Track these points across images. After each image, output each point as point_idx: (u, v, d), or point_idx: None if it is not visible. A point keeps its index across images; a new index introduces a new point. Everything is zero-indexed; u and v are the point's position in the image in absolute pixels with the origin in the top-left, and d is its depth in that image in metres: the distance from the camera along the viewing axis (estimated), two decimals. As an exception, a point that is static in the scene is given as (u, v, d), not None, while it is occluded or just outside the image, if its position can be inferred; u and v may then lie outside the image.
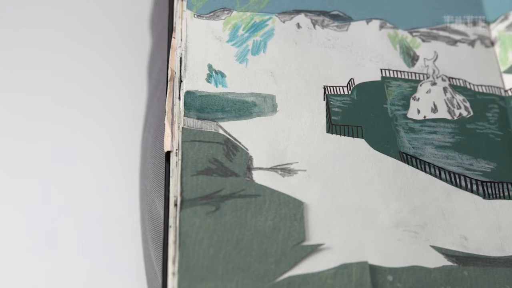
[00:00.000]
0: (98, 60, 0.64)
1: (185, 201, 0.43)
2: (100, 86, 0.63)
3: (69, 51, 0.64)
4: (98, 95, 0.62)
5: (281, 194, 0.44)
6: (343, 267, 0.42)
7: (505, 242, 0.46)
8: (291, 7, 0.52)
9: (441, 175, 0.47)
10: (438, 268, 0.44)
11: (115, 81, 0.63)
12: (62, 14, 0.66)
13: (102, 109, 0.61)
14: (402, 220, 0.45)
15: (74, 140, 0.59)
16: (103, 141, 0.60)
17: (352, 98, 0.49)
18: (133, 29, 0.65)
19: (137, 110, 0.60)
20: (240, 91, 0.47)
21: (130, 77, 0.63)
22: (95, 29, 0.65)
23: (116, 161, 0.59)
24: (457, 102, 0.51)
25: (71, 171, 0.58)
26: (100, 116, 0.61)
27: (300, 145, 0.46)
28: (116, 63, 0.64)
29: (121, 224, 0.55)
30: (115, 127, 0.60)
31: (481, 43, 0.55)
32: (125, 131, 0.59)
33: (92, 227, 0.56)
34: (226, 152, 0.45)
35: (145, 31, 0.66)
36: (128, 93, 0.62)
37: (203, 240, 0.42)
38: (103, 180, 0.58)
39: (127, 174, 0.57)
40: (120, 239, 0.55)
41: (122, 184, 0.57)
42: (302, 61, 0.50)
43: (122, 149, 0.59)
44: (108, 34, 0.65)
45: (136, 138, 0.59)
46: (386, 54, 0.52)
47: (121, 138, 0.59)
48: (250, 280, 0.41)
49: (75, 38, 0.65)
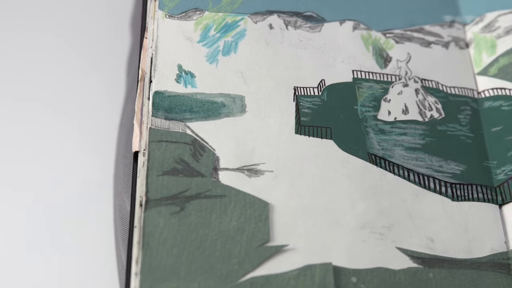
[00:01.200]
0: (78, 59, 0.64)
1: (150, 201, 0.43)
2: (78, 85, 0.63)
3: (48, 49, 0.64)
4: (76, 94, 0.62)
5: (246, 194, 0.44)
6: (306, 268, 0.42)
7: (472, 244, 0.46)
8: (264, 8, 0.52)
9: (409, 177, 0.47)
10: (403, 269, 0.44)
11: (93, 81, 0.63)
12: (42, 12, 0.66)
13: (80, 108, 0.61)
14: (368, 222, 0.45)
15: (49, 139, 0.59)
16: (79, 141, 0.60)
17: (322, 99, 0.49)
18: (113, 28, 0.65)
19: (114, 110, 0.60)
20: (209, 92, 0.47)
21: (109, 77, 0.63)
22: (75, 27, 0.65)
23: (91, 161, 0.59)
24: (429, 104, 0.51)
25: (45, 171, 0.58)
26: (77, 115, 0.61)
27: (268, 146, 0.46)
28: (95, 63, 0.64)
29: (95, 224, 0.55)
30: (92, 127, 0.60)
31: (455, 45, 0.55)
32: (102, 131, 0.59)
33: (66, 227, 0.56)
34: (193, 153, 0.45)
35: (125, 31, 0.66)
36: (107, 93, 0.62)
37: (167, 240, 0.42)
38: (78, 180, 0.58)
39: (103, 174, 0.57)
40: (94, 240, 0.55)
41: (97, 184, 0.57)
42: (273, 62, 0.50)
43: (98, 149, 0.59)
44: (88, 33, 0.65)
45: (113, 138, 0.59)
46: (358, 55, 0.52)
47: (98, 138, 0.59)
48: (212, 281, 0.41)
49: (54, 36, 0.65)
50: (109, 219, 0.55)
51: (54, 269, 0.54)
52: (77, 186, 0.57)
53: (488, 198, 0.48)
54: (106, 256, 0.54)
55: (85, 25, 0.66)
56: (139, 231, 0.42)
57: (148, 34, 0.50)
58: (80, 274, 0.54)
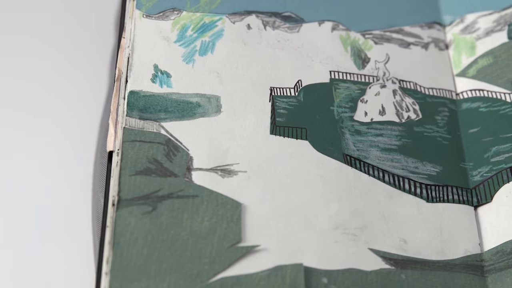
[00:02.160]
0: (60, 58, 0.64)
1: (122, 201, 0.43)
2: (60, 84, 0.63)
3: (29, 48, 0.64)
4: (58, 93, 0.62)
5: (219, 195, 0.44)
6: (277, 268, 0.42)
7: (445, 246, 0.46)
8: (243, 8, 0.52)
9: (384, 178, 0.47)
10: (375, 271, 0.44)
11: (76, 80, 0.63)
12: (23, 10, 0.66)
13: (62, 107, 0.62)
14: (341, 223, 0.45)
15: (29, 137, 0.59)
16: (60, 140, 0.60)
17: (298, 99, 0.49)
18: (96, 27, 0.65)
19: (96, 110, 0.60)
20: (185, 92, 0.47)
21: (92, 76, 0.63)
22: (58, 26, 0.65)
23: (72, 160, 0.59)
24: (406, 105, 0.51)
25: (25, 170, 0.58)
26: (59, 114, 0.61)
27: (242, 146, 0.46)
28: (78, 62, 0.64)
29: (75, 224, 0.55)
30: (75, 126, 0.60)
31: (435, 46, 0.55)
32: (84, 130, 0.59)
33: (45, 226, 0.56)
34: (167, 153, 0.45)
35: (109, 30, 0.66)
36: (89, 92, 0.62)
37: (138, 240, 0.42)
38: (59, 179, 0.58)
39: (83, 174, 0.57)
40: (73, 240, 0.55)
41: (78, 183, 0.57)
42: (250, 62, 0.50)
43: (79, 148, 0.59)
44: (70, 32, 0.65)
45: (94, 138, 0.59)
46: (336, 56, 0.52)
47: (80, 137, 0.59)
48: (182, 281, 0.41)
49: (35, 34, 0.65)
50: (88, 219, 0.55)
51: (32, 268, 0.54)
52: (57, 185, 0.57)
53: (463, 200, 0.48)
54: (84, 256, 0.54)
55: (68, 23, 0.66)
56: (110, 230, 0.42)
57: (125, 34, 0.50)
58: (57, 273, 0.54)
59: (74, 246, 0.54)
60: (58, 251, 0.55)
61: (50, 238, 0.55)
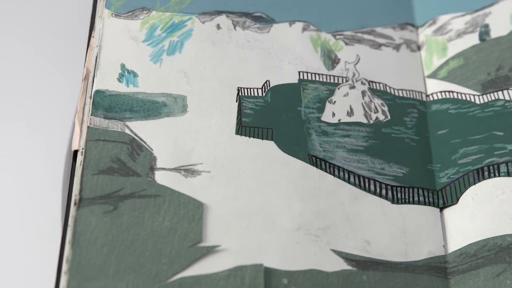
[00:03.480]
0: (35, 57, 0.64)
1: (83, 200, 0.43)
2: (36, 83, 0.63)
3: (4, 46, 0.64)
4: (32, 93, 0.62)
5: (181, 195, 0.44)
6: (237, 269, 0.42)
7: (409, 247, 0.46)
8: (213, 8, 0.52)
9: (350, 179, 0.47)
10: (337, 272, 0.44)
11: (52, 79, 0.63)
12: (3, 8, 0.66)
13: (35, 107, 0.62)
14: (304, 223, 0.45)
15: (1, 135, 0.59)
16: (32, 140, 0.60)
17: (265, 100, 0.49)
18: (71, 27, 0.65)
19: (70, 109, 0.60)
20: (151, 91, 0.47)
21: (67, 75, 0.63)
22: (33, 24, 0.65)
23: (44, 159, 0.59)
24: (375, 106, 0.51)
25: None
26: (32, 114, 0.61)
27: (206, 146, 0.46)
28: (54, 61, 0.64)
29: (45, 224, 0.55)
30: (48, 126, 0.60)
31: (407, 47, 0.55)
32: (56, 130, 0.59)
33: (16, 226, 0.56)
34: (130, 152, 0.45)
35: (85, 30, 0.66)
36: (64, 91, 0.62)
37: (97, 239, 0.42)
38: (32, 178, 0.58)
39: (53, 173, 0.57)
40: (42, 240, 0.55)
41: (48, 183, 0.57)
42: (218, 62, 0.50)
43: (50, 147, 0.59)
44: (44, 31, 0.65)
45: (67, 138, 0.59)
46: (306, 56, 0.52)
47: (52, 136, 0.59)
48: (141, 280, 0.41)
49: (8, 32, 0.65)
50: (57, 219, 0.55)
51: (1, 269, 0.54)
52: (27, 184, 0.57)
53: (429, 201, 0.48)
54: (53, 256, 0.54)
55: (43, 22, 0.66)
56: (71, 229, 0.42)
57: (95, 33, 0.50)
58: (26, 273, 0.54)
59: (42, 245, 0.54)
60: (25, 249, 0.55)
61: (18, 237, 0.55)
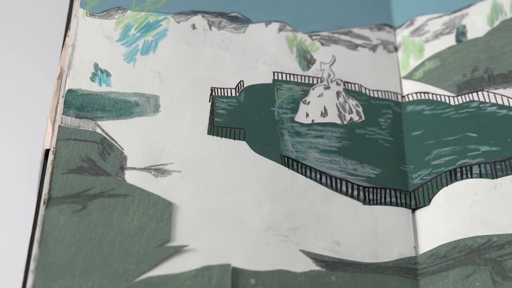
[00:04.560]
0: (12, 56, 0.64)
1: (52, 199, 0.43)
2: (12, 82, 0.63)
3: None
4: (10, 91, 0.62)
5: (151, 194, 0.44)
6: (204, 269, 0.42)
7: (379, 248, 0.46)
8: (189, 8, 0.52)
9: (321, 180, 0.47)
10: (305, 272, 0.44)
11: (29, 78, 0.63)
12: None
13: (13, 106, 0.61)
14: (273, 224, 0.45)
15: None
16: (9, 139, 0.60)
17: (239, 100, 0.49)
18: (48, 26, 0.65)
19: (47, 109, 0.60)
20: (123, 91, 0.48)
21: (46, 75, 0.63)
22: (14, 24, 0.65)
23: (21, 159, 0.59)
24: (349, 107, 0.51)
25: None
26: (10, 114, 0.61)
27: (178, 146, 0.46)
28: (31, 60, 0.64)
29: (20, 223, 0.55)
30: (24, 125, 0.60)
31: (383, 48, 0.55)
32: (32, 130, 0.59)
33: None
34: (101, 151, 0.45)
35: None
36: (44, 90, 0.62)
37: (65, 238, 0.42)
38: (7, 177, 0.58)
39: (29, 173, 0.57)
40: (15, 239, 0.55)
41: (24, 182, 0.57)
42: (192, 62, 0.50)
43: (26, 147, 0.59)
44: (23, 28, 0.65)
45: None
46: (281, 57, 0.52)
47: (28, 136, 0.59)
48: (107, 280, 0.41)
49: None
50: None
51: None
52: (4, 184, 0.57)
53: (401, 203, 0.48)
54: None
55: (21, 21, 0.66)
56: (39, 228, 0.42)
57: (69, 32, 0.50)
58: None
59: (13, 245, 0.54)
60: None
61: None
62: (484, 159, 0.48)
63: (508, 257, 0.44)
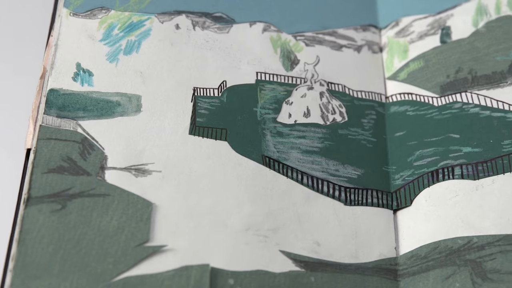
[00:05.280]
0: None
1: (32, 198, 0.43)
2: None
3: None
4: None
5: (131, 194, 0.44)
6: (183, 269, 0.42)
7: (360, 249, 0.46)
8: (173, 8, 0.52)
9: (303, 180, 0.47)
10: (284, 273, 0.44)
11: (14, 77, 0.63)
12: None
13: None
14: (253, 224, 0.45)
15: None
16: None
17: (221, 100, 0.49)
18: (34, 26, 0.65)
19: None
20: (105, 91, 0.48)
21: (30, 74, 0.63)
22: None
23: (5, 158, 0.59)
24: (333, 107, 0.51)
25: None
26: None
27: (159, 146, 0.46)
28: (14, 60, 0.64)
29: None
30: (8, 124, 0.60)
31: (368, 49, 0.55)
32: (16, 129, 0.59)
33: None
34: (82, 151, 0.45)
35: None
36: (28, 90, 0.62)
37: (44, 238, 0.42)
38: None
39: (11, 173, 0.57)
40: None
41: (5, 182, 0.57)
42: (176, 62, 0.50)
43: (11, 146, 0.59)
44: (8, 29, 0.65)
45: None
46: (264, 57, 0.52)
47: (11, 135, 0.59)
48: (85, 279, 0.41)
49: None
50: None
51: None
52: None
53: (383, 203, 0.48)
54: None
55: (5, 20, 0.66)
56: (18, 228, 0.42)
57: (53, 32, 0.50)
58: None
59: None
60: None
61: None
62: (466, 160, 0.48)
63: (488, 259, 0.44)
